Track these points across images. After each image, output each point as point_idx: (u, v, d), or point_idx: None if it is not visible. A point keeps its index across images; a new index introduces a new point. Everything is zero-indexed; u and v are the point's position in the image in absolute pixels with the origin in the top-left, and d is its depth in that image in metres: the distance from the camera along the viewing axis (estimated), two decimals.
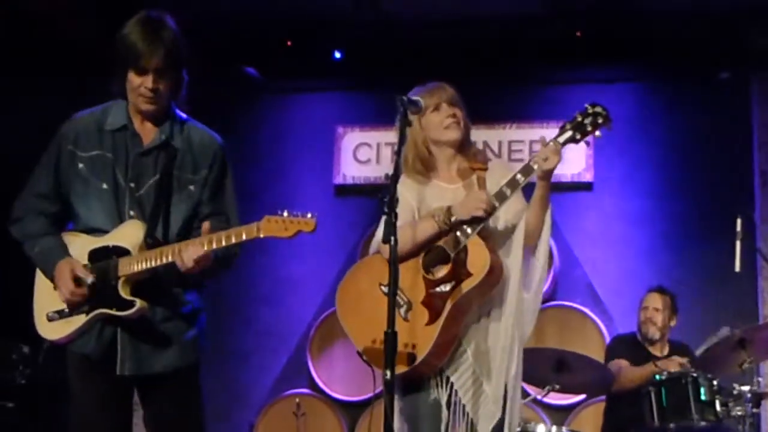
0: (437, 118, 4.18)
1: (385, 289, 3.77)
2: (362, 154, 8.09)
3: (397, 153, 3.92)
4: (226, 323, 7.67)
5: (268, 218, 3.67)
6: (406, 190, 4.15)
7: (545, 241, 4.10)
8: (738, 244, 5.64)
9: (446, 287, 3.97)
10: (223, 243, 3.70)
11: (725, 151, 7.66)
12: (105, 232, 3.85)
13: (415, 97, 4.04)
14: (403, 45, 7.72)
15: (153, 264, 3.75)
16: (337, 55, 8.00)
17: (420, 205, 4.17)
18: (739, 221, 5.69)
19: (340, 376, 7.70)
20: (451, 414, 4.03)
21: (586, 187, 7.64)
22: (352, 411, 7.63)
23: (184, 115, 4.02)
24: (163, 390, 3.88)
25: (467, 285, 3.95)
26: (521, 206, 4.12)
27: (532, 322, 4.16)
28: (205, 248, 3.68)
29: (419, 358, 3.95)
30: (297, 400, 7.33)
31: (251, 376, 7.86)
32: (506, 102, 7.94)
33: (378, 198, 3.74)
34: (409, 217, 4.11)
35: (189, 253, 3.69)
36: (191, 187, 3.91)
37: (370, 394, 7.31)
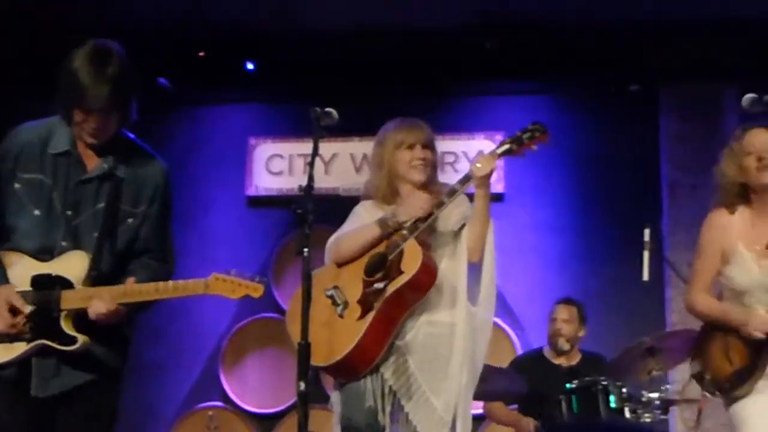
0: (408, 156, 4.41)
1: (328, 293, 4.21)
2: (275, 165, 8.07)
3: (310, 164, 3.95)
4: (135, 335, 7.54)
5: (217, 276, 3.71)
6: (366, 211, 4.46)
7: (489, 256, 4.29)
8: (646, 254, 5.74)
9: (380, 285, 4.19)
10: (170, 294, 3.73)
11: (634, 162, 7.79)
12: (34, 257, 3.73)
13: (328, 109, 4.08)
14: (317, 56, 7.71)
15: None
16: (250, 66, 7.96)
17: None
18: (647, 231, 5.78)
19: (252, 389, 7.64)
20: (393, 423, 4.20)
21: (497, 198, 7.68)
22: (265, 423, 7.59)
23: (131, 135, 3.92)
24: (77, 403, 3.76)
25: (397, 283, 4.18)
26: (462, 215, 4.34)
27: (485, 341, 4.32)
28: (152, 297, 3.72)
29: (345, 351, 4.16)
30: (210, 413, 7.27)
31: (162, 389, 7.75)
32: (418, 114, 7.92)
33: (291, 209, 3.82)
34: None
35: (102, 305, 3.65)
36: (130, 221, 3.81)
37: (283, 406, 7.36)
